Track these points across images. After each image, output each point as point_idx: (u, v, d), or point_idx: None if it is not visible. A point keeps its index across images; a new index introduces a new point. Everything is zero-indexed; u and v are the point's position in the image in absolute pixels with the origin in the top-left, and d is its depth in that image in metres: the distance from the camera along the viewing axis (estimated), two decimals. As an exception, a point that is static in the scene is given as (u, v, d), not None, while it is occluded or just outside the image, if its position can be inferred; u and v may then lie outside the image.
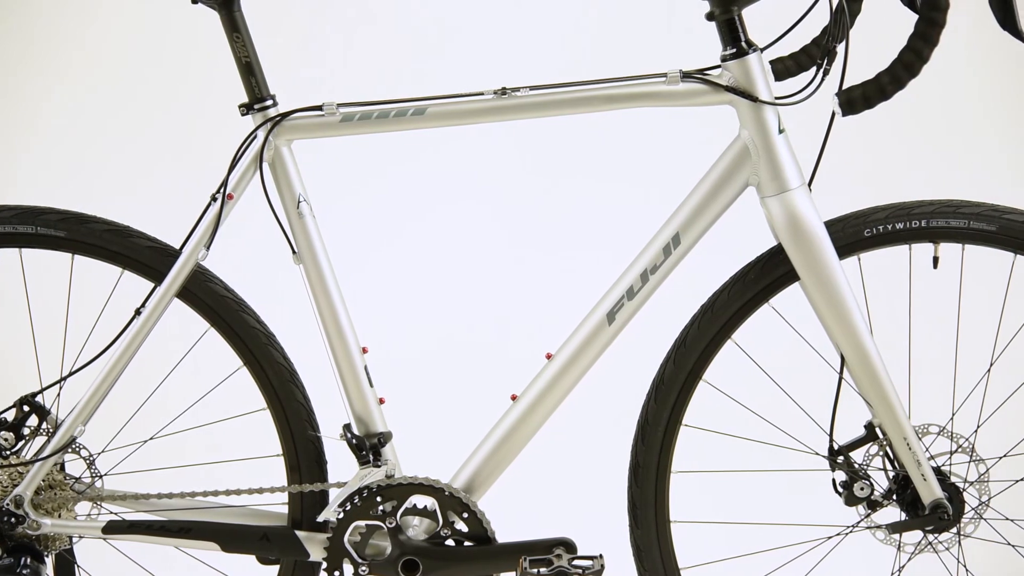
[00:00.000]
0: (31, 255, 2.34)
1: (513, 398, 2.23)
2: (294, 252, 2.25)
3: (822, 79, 2.05)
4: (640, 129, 3.43)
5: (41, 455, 2.27)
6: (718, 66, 2.11)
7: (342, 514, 2.22)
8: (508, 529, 2.24)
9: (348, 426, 2.26)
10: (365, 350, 2.27)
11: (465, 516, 2.21)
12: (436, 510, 2.22)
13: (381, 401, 2.28)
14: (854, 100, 1.99)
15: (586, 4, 3.66)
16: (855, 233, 2.15)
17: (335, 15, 3.69)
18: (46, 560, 2.33)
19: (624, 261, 2.20)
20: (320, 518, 2.25)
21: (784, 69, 2.23)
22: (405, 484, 2.22)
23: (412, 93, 2.20)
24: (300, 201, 2.23)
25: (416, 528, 2.24)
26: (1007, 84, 3.51)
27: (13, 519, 2.28)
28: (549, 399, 2.21)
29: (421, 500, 2.22)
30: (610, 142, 3.55)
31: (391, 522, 2.22)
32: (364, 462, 2.25)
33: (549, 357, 2.22)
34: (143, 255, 2.29)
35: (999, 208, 2.14)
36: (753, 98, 2.08)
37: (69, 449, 2.28)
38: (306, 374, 2.35)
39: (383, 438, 2.27)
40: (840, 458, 2.20)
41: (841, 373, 2.18)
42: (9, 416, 2.30)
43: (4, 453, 2.29)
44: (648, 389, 2.24)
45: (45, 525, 2.29)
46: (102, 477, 2.34)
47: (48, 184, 3.63)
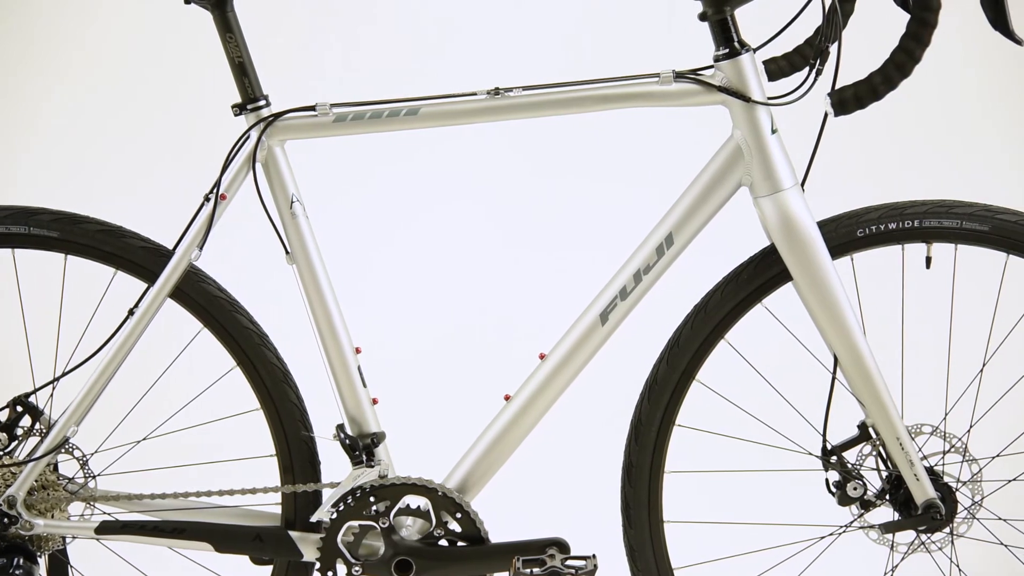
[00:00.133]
0: (24, 255, 2.34)
1: (506, 398, 2.24)
2: (287, 252, 2.25)
3: (815, 79, 2.05)
4: (635, 129, 3.43)
5: (34, 455, 2.27)
6: (711, 66, 2.11)
7: (335, 514, 2.22)
8: (501, 529, 2.24)
9: (341, 426, 2.26)
10: (358, 350, 2.27)
11: (458, 516, 2.21)
12: (429, 510, 2.22)
13: (374, 401, 2.28)
14: (846, 100, 1.99)
15: (587, 4, 3.66)
16: (848, 233, 2.16)
17: (333, 15, 3.69)
18: (39, 560, 2.33)
19: (618, 261, 2.20)
20: (313, 518, 2.25)
21: (777, 69, 2.23)
22: (398, 484, 2.22)
23: (410, 93, 2.20)
24: (293, 201, 2.23)
25: (409, 528, 2.24)
26: (999, 84, 3.52)
27: (6, 519, 2.28)
28: (542, 399, 2.21)
29: (414, 500, 2.22)
30: (605, 142, 3.55)
31: (384, 522, 2.22)
32: (357, 462, 2.25)
33: (542, 357, 2.22)
34: (136, 255, 2.29)
35: (992, 208, 2.14)
36: (746, 98, 2.08)
37: (62, 449, 2.28)
38: (299, 374, 2.35)
39: (376, 438, 2.27)
40: (833, 458, 2.20)
41: (834, 373, 2.19)
42: (2, 416, 2.30)
43: (-3, 454, 2.29)
44: (641, 389, 2.25)
45: (38, 526, 2.29)
46: (95, 477, 2.34)
47: (48, 184, 3.63)
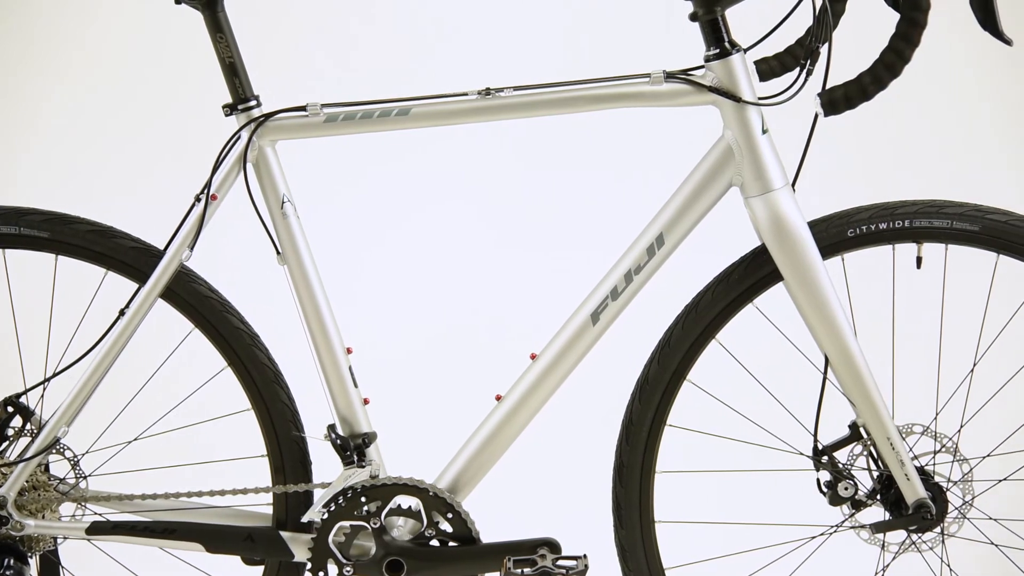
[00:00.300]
0: (14, 256, 2.34)
1: (498, 398, 2.23)
2: (278, 253, 2.24)
3: (805, 79, 2.05)
4: (629, 128, 3.43)
5: (25, 456, 2.27)
6: (702, 67, 2.11)
7: (326, 514, 2.22)
8: (493, 529, 2.24)
9: (332, 426, 2.26)
10: (350, 350, 2.27)
11: (450, 516, 2.21)
12: (421, 510, 2.22)
13: (366, 401, 2.28)
14: (836, 101, 2.00)
15: (583, 3, 3.66)
16: (838, 233, 2.16)
17: (332, 15, 3.68)
18: (30, 561, 2.32)
19: (610, 261, 2.20)
20: (305, 519, 2.25)
21: (768, 69, 2.23)
22: (389, 484, 2.22)
23: (408, 93, 2.20)
24: (284, 201, 2.23)
25: (401, 528, 2.24)
26: (990, 84, 3.52)
27: (-3, 520, 2.28)
28: (534, 399, 2.21)
29: (406, 500, 2.22)
30: (598, 141, 3.55)
31: (375, 522, 2.22)
32: (348, 463, 2.25)
33: (534, 357, 2.22)
34: (127, 256, 2.29)
35: (982, 208, 2.14)
36: (736, 98, 2.08)
37: (53, 450, 2.28)
38: (291, 375, 2.35)
39: (368, 438, 2.27)
40: (824, 458, 2.20)
41: (825, 373, 2.19)
42: (-7, 417, 2.30)
43: (-12, 454, 2.29)
44: (632, 389, 2.25)
45: (29, 526, 2.29)
46: (86, 478, 2.34)
47: (47, 184, 3.62)
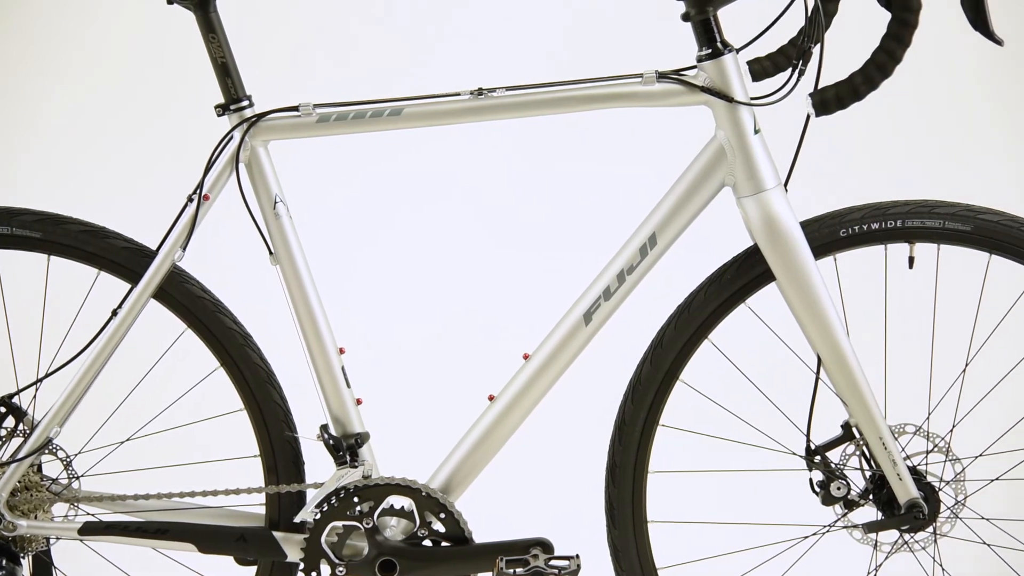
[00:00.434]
0: (6, 256, 2.33)
1: (490, 399, 2.24)
2: (271, 253, 2.24)
3: (797, 80, 2.05)
4: (623, 127, 3.43)
5: (17, 456, 2.27)
6: (694, 67, 2.11)
7: (319, 515, 2.22)
8: (485, 529, 2.24)
9: (325, 427, 2.26)
10: (342, 351, 2.27)
11: (442, 516, 2.21)
12: (413, 510, 2.22)
13: (358, 402, 2.28)
14: (827, 101, 2.00)
15: (581, 3, 3.66)
16: (831, 233, 2.16)
17: (331, 15, 3.68)
18: (22, 561, 2.32)
19: (603, 261, 2.20)
20: (297, 519, 2.25)
21: (761, 69, 2.23)
22: (382, 485, 2.22)
23: (405, 92, 2.20)
24: (277, 202, 2.23)
25: (393, 529, 2.24)
26: (982, 84, 3.52)
27: (-11, 521, 2.28)
28: (526, 400, 2.21)
29: (398, 501, 2.22)
30: (592, 141, 3.55)
31: (368, 523, 2.22)
32: (341, 463, 2.25)
33: (526, 358, 2.22)
34: (119, 256, 2.29)
35: (974, 208, 2.14)
36: (728, 98, 2.08)
37: (46, 450, 2.28)
38: (283, 375, 2.35)
39: (360, 439, 2.27)
40: (817, 458, 2.20)
41: (818, 373, 2.19)
42: (-15, 417, 2.30)
43: (-21, 455, 2.29)
44: (625, 389, 2.25)
45: (21, 526, 2.29)
46: (79, 478, 2.33)
47: (47, 184, 3.62)
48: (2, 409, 2.30)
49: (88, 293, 2.34)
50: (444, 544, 2.23)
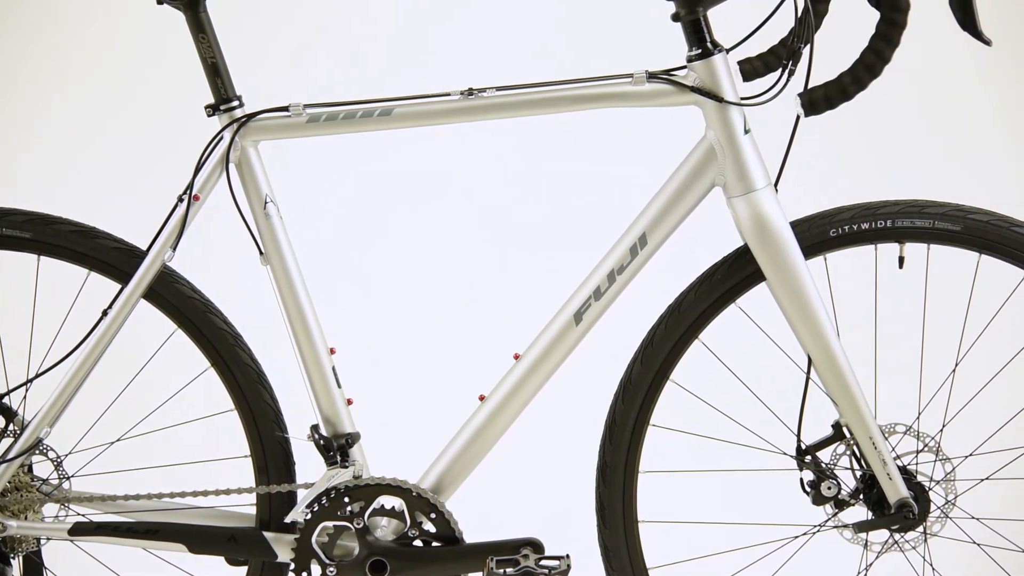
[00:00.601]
0: (-4, 256, 2.33)
1: (481, 399, 2.23)
2: (261, 253, 2.24)
3: (787, 80, 2.06)
4: (617, 127, 3.43)
5: (7, 457, 2.26)
6: (684, 67, 2.11)
7: (310, 515, 2.22)
8: (476, 529, 2.24)
9: (316, 427, 2.26)
10: (333, 351, 2.27)
11: (433, 517, 2.21)
12: (404, 511, 2.21)
13: (349, 402, 2.28)
14: (816, 101, 2.00)
15: (572, 3, 3.66)
16: (821, 233, 2.16)
17: (330, 15, 3.68)
18: (12, 562, 2.32)
19: (595, 261, 2.19)
20: (288, 519, 2.24)
21: (752, 70, 2.22)
22: (372, 485, 2.22)
23: (397, 93, 2.19)
24: (267, 202, 2.23)
25: (384, 529, 2.24)
26: (974, 84, 3.53)
27: (-21, 521, 2.27)
28: (517, 400, 2.21)
29: (389, 501, 2.22)
30: (584, 140, 3.55)
31: (359, 523, 2.21)
32: (332, 463, 2.24)
33: (517, 357, 2.22)
34: (109, 256, 2.29)
35: (964, 208, 2.14)
36: (718, 99, 2.09)
37: (36, 451, 2.27)
38: (274, 375, 2.35)
39: (351, 439, 2.26)
40: (807, 457, 2.21)
41: (808, 373, 2.19)
42: (-25, 418, 2.30)
43: (-30, 455, 2.29)
44: (616, 389, 2.25)
45: (11, 527, 2.29)
46: (69, 479, 2.33)
47: (41, 184, 3.62)
48: (-8, 409, 2.30)
49: (78, 293, 2.34)
50: (435, 544, 2.23)
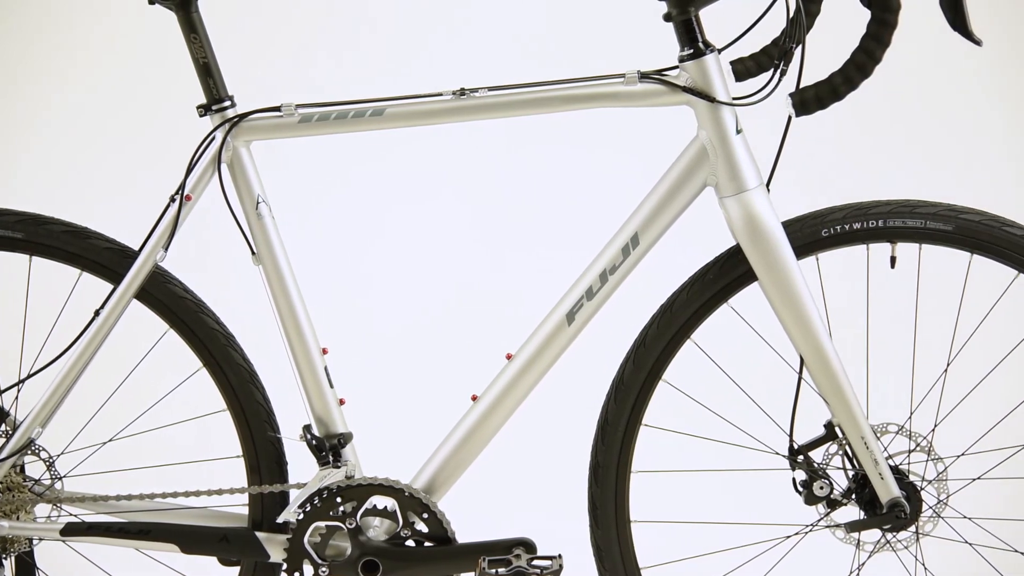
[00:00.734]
0: (-11, 257, 2.33)
1: (473, 399, 2.23)
2: (253, 253, 2.24)
3: (779, 80, 2.06)
4: (611, 126, 3.43)
5: (-1, 457, 2.27)
6: (676, 67, 2.11)
7: (302, 515, 2.22)
8: (468, 529, 2.24)
9: (308, 427, 2.26)
10: (325, 351, 2.27)
11: (425, 517, 2.21)
12: (396, 511, 2.21)
13: (341, 402, 2.28)
14: (807, 101, 2.00)
15: (564, 3, 3.66)
16: (813, 233, 2.16)
17: (331, 15, 3.68)
18: (4, 562, 2.32)
19: (588, 260, 2.19)
20: (280, 519, 2.24)
21: (744, 70, 2.23)
22: (365, 485, 2.22)
23: (392, 92, 2.19)
24: (259, 202, 2.23)
25: (376, 529, 2.24)
26: (964, 84, 3.53)
27: (-29, 522, 2.27)
28: (509, 400, 2.21)
29: (381, 501, 2.22)
30: (578, 140, 3.55)
31: (351, 523, 2.21)
32: (324, 463, 2.25)
33: (509, 357, 2.22)
34: (101, 256, 2.29)
35: (955, 208, 2.14)
36: (710, 99, 2.09)
37: (28, 451, 2.27)
38: (266, 375, 2.35)
39: (343, 439, 2.26)
40: (800, 457, 2.21)
41: (800, 373, 2.19)
42: (-33, 418, 2.30)
43: (-38, 455, 2.28)
44: (608, 389, 2.25)
45: (3, 527, 2.29)
46: (61, 479, 2.33)
47: (41, 184, 3.62)
48: (-16, 410, 2.30)
49: (70, 293, 2.34)
50: (427, 544, 2.22)
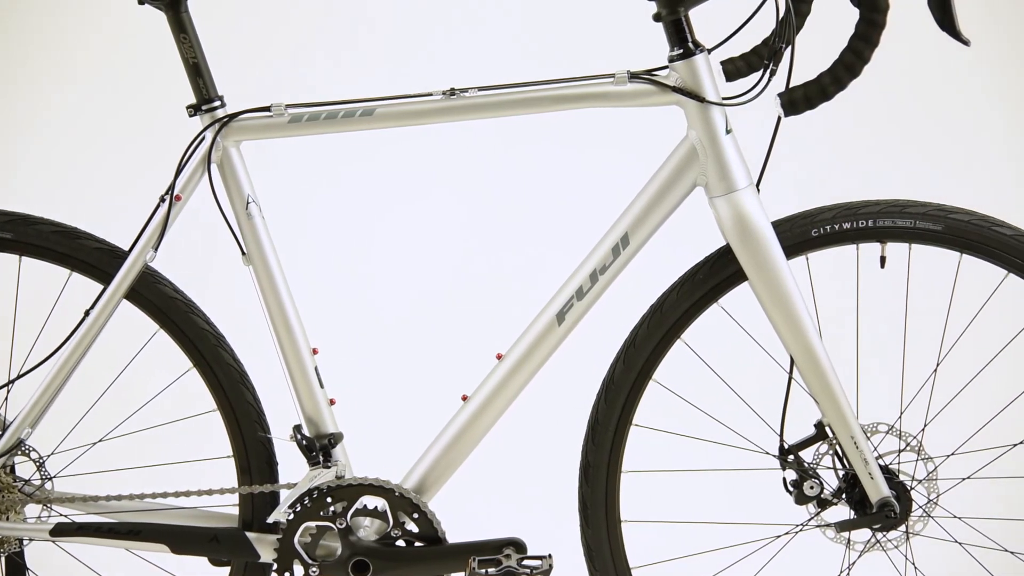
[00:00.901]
0: (-22, 257, 2.33)
1: (464, 399, 2.23)
2: (243, 253, 2.24)
3: (769, 80, 2.06)
4: (603, 126, 3.43)
5: (-12, 458, 2.26)
6: (666, 67, 2.11)
7: (292, 515, 2.22)
8: (459, 529, 2.24)
9: (298, 427, 2.26)
10: (315, 351, 2.27)
11: (415, 517, 2.21)
12: (387, 511, 2.21)
13: (332, 402, 2.28)
14: (796, 101, 2.00)
15: (555, 2, 3.66)
16: (802, 233, 2.16)
17: (330, 15, 3.68)
18: (-6, 563, 2.32)
19: (578, 260, 2.19)
20: (270, 519, 2.24)
21: (735, 70, 2.23)
22: (355, 485, 2.22)
23: (387, 92, 2.19)
24: (249, 202, 2.23)
25: (367, 529, 2.24)
26: (953, 84, 3.53)
27: (-40, 522, 2.27)
28: (499, 400, 2.21)
29: (371, 501, 2.22)
30: (569, 140, 3.55)
31: (341, 523, 2.21)
32: (314, 463, 2.24)
33: (499, 357, 2.22)
34: (91, 257, 2.29)
35: (945, 208, 2.15)
36: (700, 99, 2.09)
37: (18, 451, 2.27)
38: (256, 375, 2.35)
39: (334, 439, 2.26)
40: (790, 457, 2.21)
41: (791, 373, 2.19)
42: (-43, 419, 2.29)
43: (-48, 456, 2.28)
44: (598, 389, 2.25)
45: (-7, 528, 2.29)
46: (51, 479, 2.33)
47: (48, 185, 3.61)
48: (-27, 411, 2.30)
49: (60, 294, 2.34)
50: (417, 544, 2.22)
